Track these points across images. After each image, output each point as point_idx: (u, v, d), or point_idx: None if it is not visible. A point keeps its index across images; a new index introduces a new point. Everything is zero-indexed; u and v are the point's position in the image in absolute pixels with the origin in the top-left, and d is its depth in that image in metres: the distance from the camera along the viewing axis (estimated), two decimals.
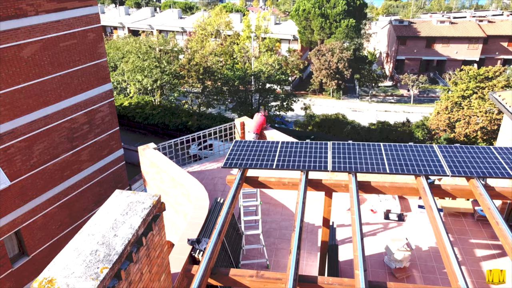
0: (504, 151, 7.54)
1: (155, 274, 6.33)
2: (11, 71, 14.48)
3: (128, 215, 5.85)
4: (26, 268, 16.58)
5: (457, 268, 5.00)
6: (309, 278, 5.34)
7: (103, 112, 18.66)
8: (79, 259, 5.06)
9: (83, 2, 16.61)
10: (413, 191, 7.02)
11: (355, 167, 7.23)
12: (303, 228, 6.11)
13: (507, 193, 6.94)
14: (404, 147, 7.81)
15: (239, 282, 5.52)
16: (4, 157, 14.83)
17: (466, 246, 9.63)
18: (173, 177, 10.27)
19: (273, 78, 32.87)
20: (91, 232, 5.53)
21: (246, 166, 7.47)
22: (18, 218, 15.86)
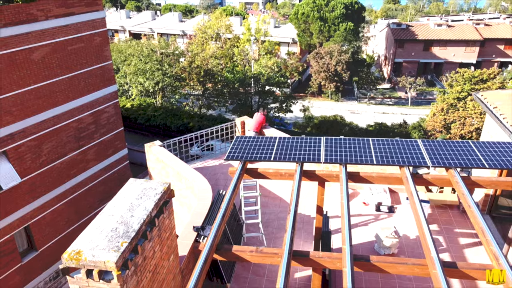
0: (481, 144, 8.33)
1: (165, 253, 7.09)
2: (22, 73, 15.28)
3: (142, 199, 6.63)
4: (35, 262, 17.32)
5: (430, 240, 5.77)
6: (302, 252, 6.11)
7: (108, 112, 19.45)
8: (102, 235, 5.83)
9: (90, 7, 17.43)
10: (397, 180, 7.81)
11: (345, 159, 8.03)
12: (297, 211, 6.88)
13: (481, 182, 7.73)
14: (390, 141, 8.60)
15: (241, 256, 6.30)
16: (15, 155, 15.60)
17: (451, 235, 10.40)
18: (178, 171, 11.05)
19: (272, 81, 33.70)
20: (110, 213, 6.32)
21: (246, 158, 8.26)
22: (28, 214, 16.61)
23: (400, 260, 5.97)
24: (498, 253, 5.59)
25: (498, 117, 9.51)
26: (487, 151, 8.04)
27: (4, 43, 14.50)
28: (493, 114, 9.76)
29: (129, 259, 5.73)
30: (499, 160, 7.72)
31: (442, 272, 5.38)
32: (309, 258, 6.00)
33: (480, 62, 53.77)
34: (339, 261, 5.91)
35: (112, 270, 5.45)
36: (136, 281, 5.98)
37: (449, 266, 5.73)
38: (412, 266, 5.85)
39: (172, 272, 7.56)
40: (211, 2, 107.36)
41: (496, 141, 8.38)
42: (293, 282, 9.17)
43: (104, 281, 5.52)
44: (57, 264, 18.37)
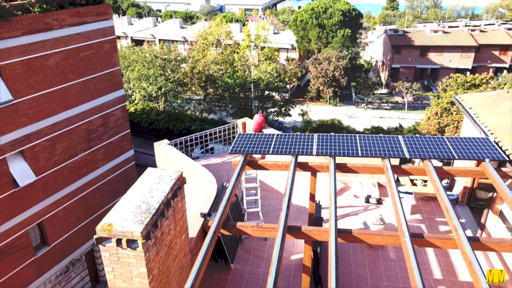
0: (454, 139, 9.54)
1: (178, 232, 8.29)
2: (38, 78, 16.51)
3: (160, 184, 7.84)
4: (47, 256, 18.43)
5: (402, 216, 6.96)
6: (295, 227, 7.29)
7: (116, 115, 20.66)
8: (128, 211, 7.04)
9: (101, 16, 18.70)
10: (379, 170, 9.02)
11: (334, 152, 9.24)
12: (291, 195, 8.07)
13: (451, 171, 8.94)
14: (374, 137, 9.82)
15: (244, 231, 7.48)
16: (31, 154, 16.78)
17: (432, 223, 11.60)
18: (185, 167, 12.25)
19: (272, 86, 35.00)
20: (134, 195, 7.53)
21: (248, 152, 9.47)
22: (41, 211, 17.76)
23: (377, 232, 7.16)
24: (457, 225, 6.78)
25: (472, 116, 10.73)
26: (458, 145, 9.26)
27: (23, 50, 15.74)
28: (468, 114, 10.99)
29: (151, 231, 6.93)
30: (467, 152, 8.94)
31: (410, 241, 6.57)
32: (301, 232, 7.20)
33: (475, 68, 55.16)
34: (326, 233, 7.10)
35: (138, 239, 6.64)
36: (155, 251, 7.17)
37: (417, 236, 6.92)
38: (386, 237, 7.04)
39: (184, 249, 8.75)
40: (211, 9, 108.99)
41: (468, 137, 9.61)
42: (289, 263, 10.35)
43: (131, 248, 6.71)
44: (68, 259, 19.50)
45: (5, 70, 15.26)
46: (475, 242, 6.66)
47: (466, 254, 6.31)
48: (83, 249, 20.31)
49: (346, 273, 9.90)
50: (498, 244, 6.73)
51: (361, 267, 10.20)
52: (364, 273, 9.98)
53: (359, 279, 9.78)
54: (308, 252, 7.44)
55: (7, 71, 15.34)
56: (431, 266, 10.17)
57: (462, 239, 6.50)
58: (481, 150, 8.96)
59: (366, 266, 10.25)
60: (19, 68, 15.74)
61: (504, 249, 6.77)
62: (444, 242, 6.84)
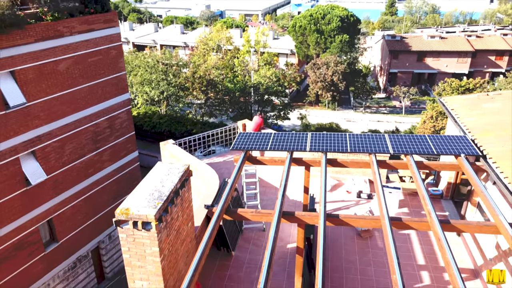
0: (434, 137, 10.57)
1: (185, 219, 9.30)
2: (49, 82, 17.57)
3: (169, 175, 8.86)
4: (56, 252, 19.41)
5: (383, 202, 7.97)
6: (289, 212, 8.30)
7: (122, 118, 21.71)
8: (142, 198, 8.06)
9: (108, 24, 19.81)
10: (366, 164, 10.04)
11: (326, 148, 10.27)
12: (287, 186, 9.08)
13: (431, 165, 9.98)
14: (362, 135, 10.85)
15: (244, 216, 8.49)
16: (42, 154, 17.81)
17: (418, 216, 12.60)
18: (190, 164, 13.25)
19: (271, 90, 36.11)
20: (147, 184, 8.55)
21: (248, 148, 10.50)
22: (51, 208, 18.76)
23: (360, 217, 8.17)
24: (431, 210, 7.79)
25: (454, 117, 11.77)
26: (438, 142, 10.29)
27: (35, 56, 16.81)
28: (450, 114, 12.03)
29: (163, 215, 7.94)
30: (446, 148, 9.97)
31: (389, 223, 7.58)
32: (294, 216, 8.21)
33: (472, 73, 56.27)
34: (316, 217, 8.11)
35: (152, 221, 7.66)
36: (166, 234, 8.18)
37: (395, 219, 7.93)
38: (369, 220, 8.05)
39: (190, 236, 9.76)
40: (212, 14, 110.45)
41: (447, 135, 10.64)
42: (286, 251, 11.36)
43: (145, 230, 7.72)
44: (75, 255, 20.46)
45: (19, 74, 16.32)
46: (445, 224, 7.66)
47: (437, 234, 7.32)
48: (89, 246, 21.28)
49: (337, 259, 10.90)
50: (464, 225, 7.74)
51: (351, 254, 11.20)
52: (354, 259, 10.97)
53: (349, 264, 10.78)
54: (301, 235, 8.44)
55: (21, 76, 16.41)
56: (415, 253, 11.17)
57: (434, 221, 7.52)
58: (458, 147, 9.99)
59: (356, 253, 11.25)
60: (32, 73, 16.81)
61: (469, 229, 7.79)
62: (419, 224, 7.86)
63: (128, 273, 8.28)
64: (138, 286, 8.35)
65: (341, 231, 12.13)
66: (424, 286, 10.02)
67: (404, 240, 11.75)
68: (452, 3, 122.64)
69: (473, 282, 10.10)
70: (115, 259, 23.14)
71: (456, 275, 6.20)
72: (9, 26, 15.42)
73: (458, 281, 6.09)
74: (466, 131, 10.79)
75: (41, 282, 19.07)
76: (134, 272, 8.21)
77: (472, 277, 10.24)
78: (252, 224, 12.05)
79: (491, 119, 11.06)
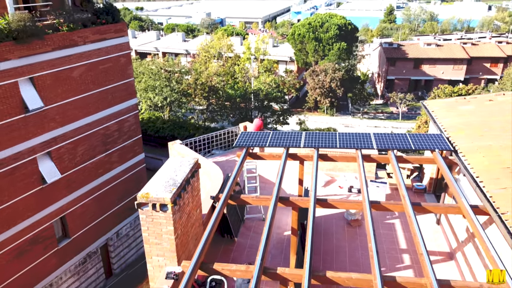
0: (413, 135, 12.06)
1: (194, 205, 10.76)
2: (65, 88, 19.08)
3: (181, 167, 10.34)
4: (68, 247, 20.80)
5: (365, 188, 9.43)
6: (284, 197, 9.75)
7: (130, 122, 23.20)
8: (159, 184, 9.53)
9: (118, 33, 21.37)
10: (353, 159, 11.52)
11: (318, 145, 11.74)
12: (283, 177, 10.54)
13: (410, 159, 11.45)
14: (350, 134, 12.33)
15: (246, 201, 9.96)
16: (57, 155, 19.27)
17: None
18: None
19: (271, 96, 37.70)
20: (163, 174, 10.02)
21: (249, 145, 11.97)
22: (64, 206, 20.17)
23: (344, 200, 9.63)
24: (405, 194, 9.25)
25: (433, 117, 13.25)
26: (416, 139, 11.77)
27: (52, 63, 18.34)
28: (430, 115, 13.52)
29: (177, 199, 9.39)
30: (423, 144, 11.45)
31: (369, 206, 9.03)
32: (289, 200, 9.66)
33: (468, 79, 57.87)
34: (307, 201, 9.55)
35: (168, 203, 9.11)
36: (179, 216, 9.63)
37: (374, 202, 9.38)
38: (353, 203, 9.52)
39: (198, 221, 11.21)
40: (212, 22, 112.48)
41: (425, 133, 12.11)
42: (283, 237, 12.79)
43: (162, 211, 9.18)
44: (86, 251, 21.83)
45: (37, 80, 17.84)
46: (416, 206, 9.13)
47: (408, 213, 8.77)
48: (98, 243, 22.66)
49: (329, 244, 12.33)
50: (432, 207, 9.20)
51: (341, 240, 12.63)
52: (344, 245, 12.40)
53: (339, 249, 12.20)
54: (295, 217, 9.88)
55: (39, 82, 17.92)
56: (398, 239, 12.61)
57: (407, 203, 8.98)
58: (434, 143, 11.45)
59: (345, 240, 12.68)
60: (49, 79, 18.32)
61: (437, 210, 9.24)
62: (394, 206, 9.32)
63: (147, 250, 9.73)
64: (155, 261, 9.79)
65: (332, 221, 13.58)
66: (404, 266, 11.46)
67: (389, 228, 13.20)
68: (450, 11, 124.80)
69: (448, 263, 11.53)
70: (122, 256, 24.51)
71: (422, 250, 7.61)
72: (30, 36, 16.96)
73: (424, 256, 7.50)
74: (442, 129, 12.27)
75: (54, 275, 20.43)
76: (151, 249, 9.65)
77: (448, 259, 11.68)
78: (253, 214, 13.49)
79: (465, 120, 12.54)
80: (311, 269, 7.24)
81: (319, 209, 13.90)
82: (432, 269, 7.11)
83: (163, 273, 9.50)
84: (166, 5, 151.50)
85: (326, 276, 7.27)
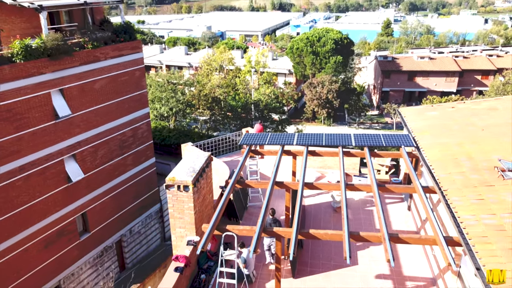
0: (385, 135, 14.98)
1: (207, 191, 13.62)
2: (88, 98, 22.03)
3: (198, 159, 13.23)
4: (88, 241, 23.52)
5: (342, 173, 12.30)
6: (280, 182, 12.62)
7: (143, 129, 26.13)
8: (182, 171, 12.41)
9: (134, 50, 24.42)
10: (336, 154, 14.42)
11: (308, 143, 14.66)
12: (279, 167, 13.41)
13: (381, 154, 14.36)
14: (334, 134, 15.25)
15: (249, 184, 12.83)
16: (81, 157, 22.14)
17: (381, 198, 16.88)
18: None
19: (270, 106, 40.78)
20: (184, 163, 12.90)
21: (251, 143, 14.88)
22: (85, 203, 22.96)
23: (327, 184, 12.49)
24: (374, 182, 12.11)
25: (404, 121, 16.18)
26: (387, 138, 14.69)
27: (79, 77, 21.32)
28: (402, 120, 16.45)
29: (196, 182, 12.25)
30: (392, 142, 14.37)
31: (344, 187, 11.89)
32: (283, 184, 12.53)
33: (460, 91, 61.03)
34: (297, 184, 12.41)
35: (189, 185, 11.98)
36: (197, 196, 12.49)
37: (349, 185, 12.24)
38: (333, 185, 12.38)
39: (210, 204, 14.07)
40: (213, 35, 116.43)
41: (395, 133, 15.03)
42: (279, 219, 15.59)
43: (185, 191, 12.03)
44: (103, 245, 24.54)
45: (66, 91, 20.78)
46: (381, 187, 11.99)
47: (375, 194, 11.64)
48: (114, 238, 25.38)
49: (317, 227, 15.13)
50: (393, 188, 12.08)
51: (328, 224, 15.45)
52: (330, 227, 15.21)
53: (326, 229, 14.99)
54: (288, 197, 12.74)
55: (67, 93, 20.86)
56: (375, 222, 15.44)
57: (373, 184, 11.85)
58: (401, 141, 14.37)
59: (331, 224, 15.50)
60: (75, 90, 21.26)
61: (397, 190, 12.10)
62: (364, 187, 12.19)
63: (172, 223, 12.56)
64: (178, 232, 12.62)
65: (321, 209, 16.43)
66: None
67: (368, 213, 16.04)
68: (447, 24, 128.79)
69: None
70: (134, 252, 27.21)
71: (382, 223, 10.42)
72: (62, 53, 19.97)
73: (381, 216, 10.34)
74: (410, 130, 15.20)
75: (76, 266, 23.12)
76: (175, 222, 12.49)
77: None
78: (254, 202, 16.33)
79: (429, 123, 15.47)
80: (298, 228, 10.08)
81: (311, 198, 16.84)
82: (386, 227, 9.96)
83: (184, 241, 12.34)
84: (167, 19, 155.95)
85: (309, 233, 10.12)
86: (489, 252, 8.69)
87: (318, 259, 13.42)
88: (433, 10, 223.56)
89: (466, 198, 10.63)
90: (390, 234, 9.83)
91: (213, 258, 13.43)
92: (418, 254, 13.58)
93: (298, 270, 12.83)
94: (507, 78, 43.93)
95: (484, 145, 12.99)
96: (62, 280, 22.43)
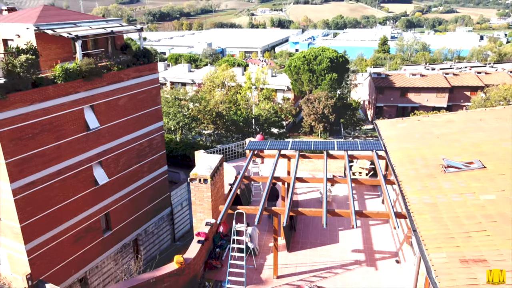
0: (362, 142, 19.06)
1: (220, 185, 17.63)
2: (113, 113, 26.14)
3: (213, 160, 17.30)
4: (110, 238, 27.37)
5: (325, 170, 16.34)
6: (277, 176, 16.62)
7: (157, 140, 30.21)
8: (203, 168, 16.48)
9: (151, 71, 28.67)
10: (321, 156, 18.47)
11: (300, 148, 18.74)
12: (276, 167, 17.42)
13: (357, 156, 18.43)
14: (320, 142, 19.31)
15: (253, 178, 16.86)
16: (106, 164, 26.14)
17: (361, 196, 20.89)
18: None
19: (270, 121, 45.01)
20: (202, 164, 16.96)
21: (254, 148, 18.95)
22: (108, 204, 26.87)
23: (314, 178, 16.51)
24: (348, 172, 16.14)
25: (379, 131, 20.27)
26: (363, 144, 18.77)
27: (106, 94, 25.47)
28: (377, 130, 20.55)
29: (213, 176, 16.26)
30: (366, 147, 18.45)
31: (326, 179, 15.91)
32: (280, 178, 16.57)
33: (450, 106, 65.41)
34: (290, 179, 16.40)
35: (208, 178, 16.01)
36: (213, 188, 16.51)
37: (330, 178, 16.23)
38: (318, 178, 16.40)
39: (222, 196, 18.06)
40: (213, 52, 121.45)
41: (369, 140, 19.11)
42: None
43: (204, 183, 16.05)
44: (122, 242, 28.36)
45: (96, 107, 24.91)
46: (354, 180, 16.00)
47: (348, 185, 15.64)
48: (131, 237, 29.20)
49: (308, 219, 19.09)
50: (364, 180, 16.09)
51: None
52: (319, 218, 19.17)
53: (316, 221, 18.95)
54: (283, 188, 16.77)
55: (97, 108, 24.98)
56: None
57: (348, 177, 15.88)
58: (373, 146, 18.45)
59: None
60: (103, 106, 25.38)
61: (366, 182, 16.09)
62: (342, 180, 16.21)
63: (193, 209, 16.54)
64: (198, 216, 16.58)
65: (311, 202, 20.42)
66: None
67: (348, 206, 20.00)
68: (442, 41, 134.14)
69: (385, 225, 18.31)
70: (149, 250, 31.01)
71: (351, 202, 14.40)
72: (94, 75, 24.17)
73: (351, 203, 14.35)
74: (382, 138, 19.30)
75: (99, 260, 26.91)
76: (196, 208, 16.47)
77: (385, 222, 18.48)
78: (257, 198, 20.31)
79: (397, 132, 19.56)
80: (290, 207, 14.08)
81: (303, 195, 20.86)
82: (354, 207, 13.98)
83: (203, 223, 16.31)
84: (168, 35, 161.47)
85: (298, 210, 14.13)
86: (423, 220, 12.71)
87: (308, 238, 17.40)
88: (429, 27, 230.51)
89: (414, 186, 14.66)
90: (356, 210, 13.84)
91: (225, 238, 17.36)
92: (386, 235, 17.55)
93: (291, 246, 16.78)
94: (488, 95, 48.21)
95: (436, 149, 17.07)
96: (88, 272, 26.21)
